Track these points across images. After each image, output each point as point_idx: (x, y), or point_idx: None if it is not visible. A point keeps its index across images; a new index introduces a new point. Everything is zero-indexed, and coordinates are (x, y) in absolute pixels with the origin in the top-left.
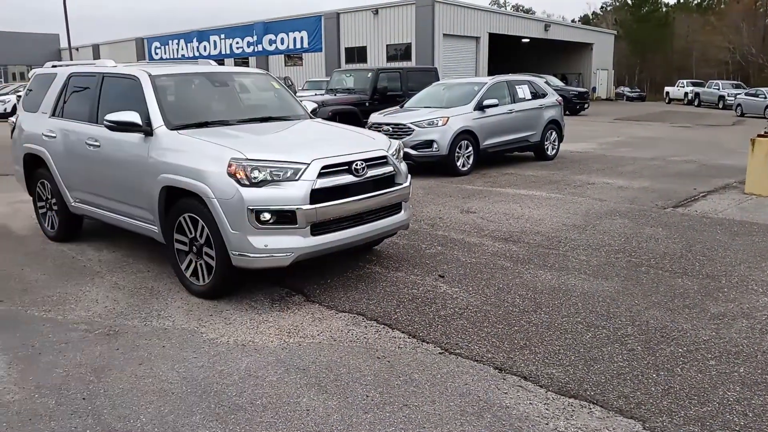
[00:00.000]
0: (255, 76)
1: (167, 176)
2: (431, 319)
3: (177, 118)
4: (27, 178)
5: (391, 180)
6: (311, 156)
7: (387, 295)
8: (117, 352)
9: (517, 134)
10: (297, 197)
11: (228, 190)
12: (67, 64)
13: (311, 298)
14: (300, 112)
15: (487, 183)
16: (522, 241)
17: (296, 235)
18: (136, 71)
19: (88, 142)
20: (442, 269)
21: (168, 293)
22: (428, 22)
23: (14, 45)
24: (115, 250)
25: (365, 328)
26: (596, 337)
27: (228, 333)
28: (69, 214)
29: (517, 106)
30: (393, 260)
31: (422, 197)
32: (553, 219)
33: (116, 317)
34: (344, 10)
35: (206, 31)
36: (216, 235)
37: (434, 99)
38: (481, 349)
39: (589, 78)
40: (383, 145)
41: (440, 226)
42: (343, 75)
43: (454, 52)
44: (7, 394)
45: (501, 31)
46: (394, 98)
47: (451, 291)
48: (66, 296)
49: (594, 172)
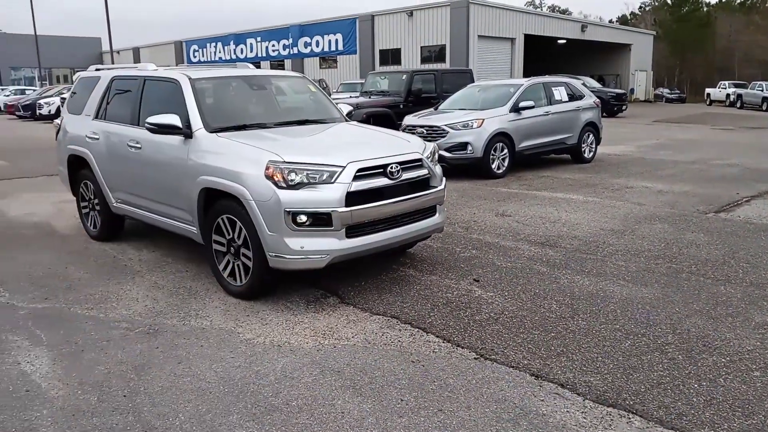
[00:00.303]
0: (292, 79)
1: (206, 178)
2: (466, 323)
3: (216, 121)
4: (71, 178)
5: (425, 183)
6: (347, 159)
7: (421, 298)
8: (157, 351)
9: (554, 136)
10: (333, 200)
11: (265, 192)
12: (109, 67)
13: (346, 299)
14: (336, 115)
15: (523, 186)
16: (558, 246)
17: (331, 237)
18: (177, 74)
19: (130, 144)
20: (477, 273)
21: (206, 293)
22: (463, 24)
23: (58, 48)
24: (155, 250)
25: (399, 332)
26: (635, 345)
27: (264, 333)
28: (111, 215)
29: (553, 108)
30: (427, 263)
31: (456, 200)
32: (591, 223)
33: (156, 316)
34: (379, 13)
35: (243, 34)
36: (253, 236)
37: (469, 101)
38: (517, 355)
39: (627, 79)
40: (418, 148)
41: (475, 229)
42: (377, 77)
43: (489, 53)
44: (51, 389)
45: (537, 32)
46: (428, 100)
47: (486, 295)
48: (108, 295)
49: (633, 176)
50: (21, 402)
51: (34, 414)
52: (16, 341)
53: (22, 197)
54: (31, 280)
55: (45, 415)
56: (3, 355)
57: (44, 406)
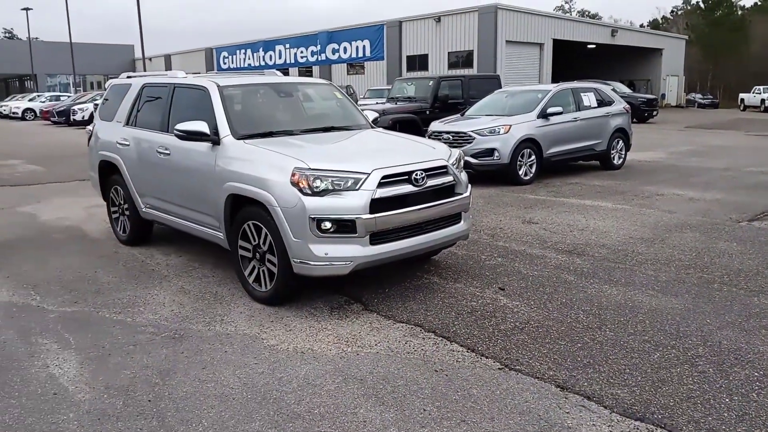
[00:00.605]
0: (318, 86)
1: (233, 184)
2: (490, 332)
3: (243, 128)
4: (102, 184)
5: (451, 190)
6: (372, 166)
7: (445, 306)
8: (182, 356)
9: (582, 143)
10: (357, 206)
11: (291, 198)
12: (140, 74)
13: (369, 307)
14: (362, 121)
15: (551, 193)
16: (586, 254)
17: (355, 244)
18: (205, 82)
19: (159, 150)
20: (503, 281)
21: (231, 298)
22: (491, 29)
23: (92, 56)
24: (182, 255)
25: (423, 340)
26: (664, 357)
27: (288, 340)
28: (140, 220)
29: (582, 114)
30: (452, 271)
31: (482, 207)
32: (620, 231)
33: (182, 321)
34: (406, 19)
35: (272, 41)
36: (278, 242)
37: (496, 107)
38: (543, 366)
39: (659, 84)
40: (444, 154)
41: (501, 236)
42: (404, 83)
43: (517, 58)
44: (78, 393)
45: (566, 37)
46: (455, 106)
47: (511, 304)
48: (135, 299)
49: (663, 183)
50: (49, 405)
51: (61, 417)
52: (45, 344)
53: (54, 202)
54: (62, 284)
55: (71, 419)
56: (33, 358)
57: (71, 410)
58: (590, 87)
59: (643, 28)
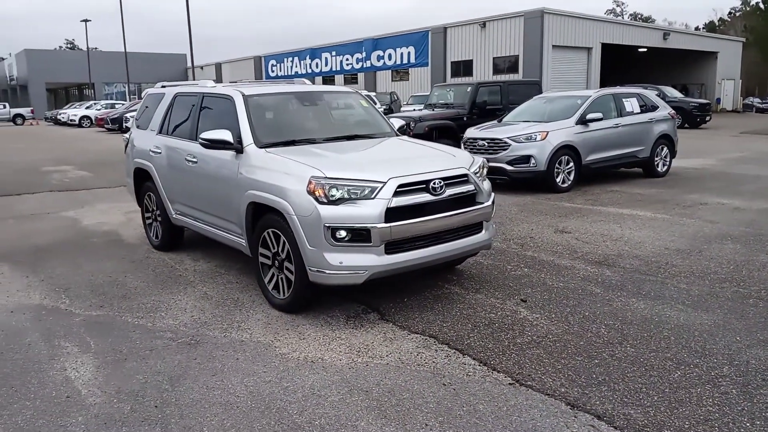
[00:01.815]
0: (343, 94)
1: (254, 192)
2: (506, 346)
3: (266, 137)
4: (136, 190)
5: (472, 199)
6: (388, 174)
7: (463, 318)
8: (194, 362)
9: (624, 149)
10: (372, 215)
11: (307, 207)
12: (174, 84)
13: (386, 316)
14: (386, 129)
15: (588, 201)
16: (617, 266)
17: (370, 254)
18: (231, 91)
19: (188, 158)
20: (525, 293)
21: (251, 305)
22: (537, 34)
23: (147, 65)
24: (211, 261)
25: (435, 352)
26: (686, 376)
27: (300, 348)
28: (171, 226)
29: (624, 120)
30: (474, 281)
31: (515, 215)
32: (655, 242)
33: (200, 327)
34: (451, 24)
35: (318, 49)
36: (295, 250)
37: (534, 113)
38: (555, 383)
39: (713, 88)
40: (464, 163)
41: (530, 246)
42: (443, 89)
43: (564, 63)
44: (90, 396)
45: (615, 40)
46: (494, 112)
47: (531, 317)
48: (159, 304)
49: (708, 191)
50: (60, 408)
51: (70, 420)
52: (67, 347)
53: (98, 207)
54: (92, 288)
55: (80, 422)
56: (53, 360)
57: (80, 413)
58: (633, 92)
59: (699, 30)
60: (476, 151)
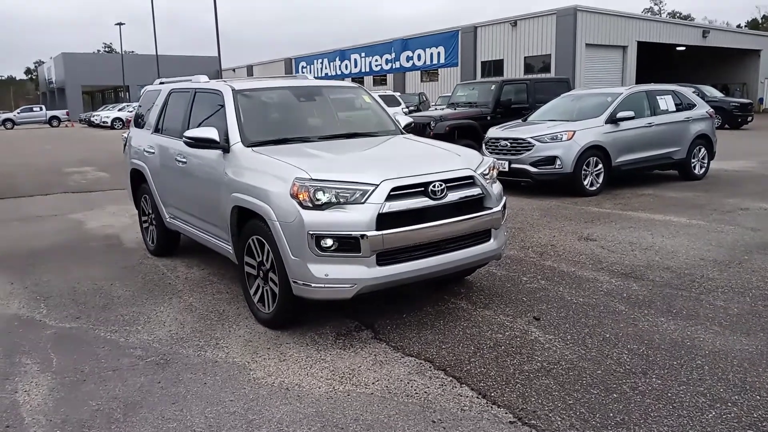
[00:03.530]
0: (345, 89)
1: (237, 195)
2: (510, 374)
3: (255, 135)
4: (133, 192)
5: (478, 203)
6: (381, 176)
7: (465, 338)
8: (157, 386)
9: (658, 150)
10: (361, 222)
11: (290, 212)
12: (172, 80)
13: (380, 335)
14: (391, 127)
15: (617, 205)
16: (645, 278)
17: (360, 265)
18: (221, 85)
19: (177, 159)
20: (539, 309)
21: (236, 319)
22: (569, 32)
23: (180, 67)
24: (205, 268)
25: (429, 380)
26: (721, 416)
27: (277, 372)
28: (166, 230)
29: (657, 119)
30: (483, 294)
31: (537, 220)
32: (690, 252)
33: (174, 343)
34: (482, 24)
35: (347, 50)
36: (279, 260)
37: (561, 111)
38: (564, 422)
39: (755, 88)
40: (470, 163)
41: (550, 255)
42: (465, 88)
43: (598, 63)
44: (32, 426)
45: (652, 39)
46: (519, 111)
47: (543, 338)
48: (138, 316)
49: (749, 196)
50: None
51: None
52: (27, 365)
53: (107, 209)
54: (74, 296)
55: None
56: (6, 381)
57: None
58: (667, 89)
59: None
60: (498, 152)
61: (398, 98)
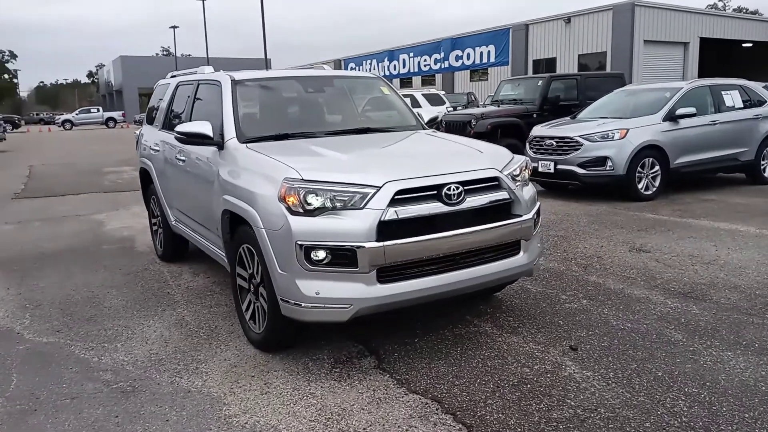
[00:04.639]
0: (360, 80)
1: (227, 198)
2: (535, 423)
3: (252, 130)
4: (143, 192)
5: (505, 209)
6: (385, 176)
7: (485, 372)
8: (112, 422)
9: (722, 151)
10: (359, 231)
11: (277, 218)
12: (181, 72)
13: (384, 364)
14: (411, 122)
15: (676, 212)
16: (708, 300)
17: (357, 282)
18: (220, 75)
19: (178, 157)
20: (578, 337)
21: (227, 338)
22: (627, 28)
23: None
24: (210, 276)
25: (433, 427)
26: None
27: (255, 408)
28: (172, 234)
29: (722, 117)
30: (513, 315)
31: (584, 227)
32: (761, 268)
33: (150, 366)
34: (533, 21)
35: (396, 51)
36: (267, 274)
37: (614, 108)
38: None
39: None
40: (496, 162)
41: (596, 268)
42: (511, 84)
43: (657, 60)
44: None
45: (716, 35)
46: (568, 109)
47: (580, 375)
48: (122, 331)
49: None
50: None
51: None
52: None
53: (132, 209)
54: (63, 306)
55: None
56: None
57: None
58: (734, 84)
59: None
60: (543, 152)
61: (443, 97)
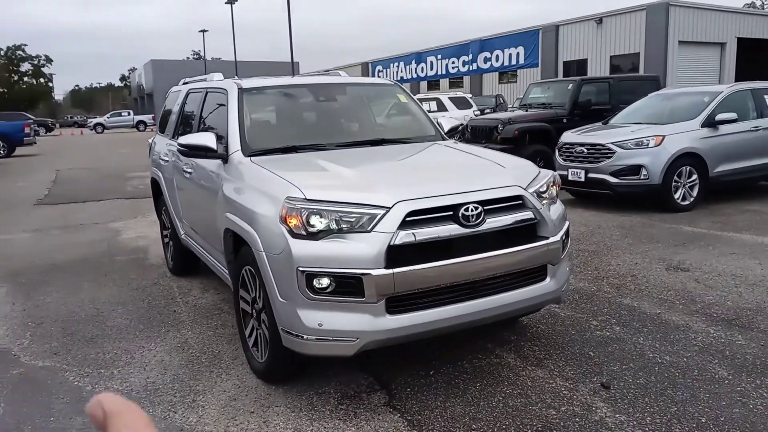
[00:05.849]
0: (376, 87)
1: (228, 215)
2: None
3: (258, 142)
4: (155, 203)
5: (530, 231)
6: (396, 196)
7: (506, 413)
8: None
9: (765, 159)
10: (366, 256)
11: (277, 241)
12: (193, 79)
13: (395, 401)
14: (430, 132)
15: (716, 224)
16: (755, 328)
17: (364, 313)
18: (228, 83)
19: (185, 169)
20: (610, 372)
21: (229, 365)
22: (661, 29)
23: (259, 72)
24: (221, 293)
25: None
26: None
27: None
28: (182, 247)
29: (765, 122)
30: (539, 345)
31: (616, 241)
32: None
33: (144, 398)
34: (564, 22)
35: (424, 53)
36: (268, 301)
37: (648, 113)
38: None
39: None
40: (520, 178)
41: (630, 289)
42: (540, 88)
43: (693, 61)
44: None
45: (754, 34)
46: (600, 113)
47: (612, 420)
48: (121, 355)
49: None
50: None
51: None
52: None
53: (150, 217)
54: (65, 324)
55: None
56: None
57: None
58: None
59: None
60: (573, 159)
61: (469, 100)
